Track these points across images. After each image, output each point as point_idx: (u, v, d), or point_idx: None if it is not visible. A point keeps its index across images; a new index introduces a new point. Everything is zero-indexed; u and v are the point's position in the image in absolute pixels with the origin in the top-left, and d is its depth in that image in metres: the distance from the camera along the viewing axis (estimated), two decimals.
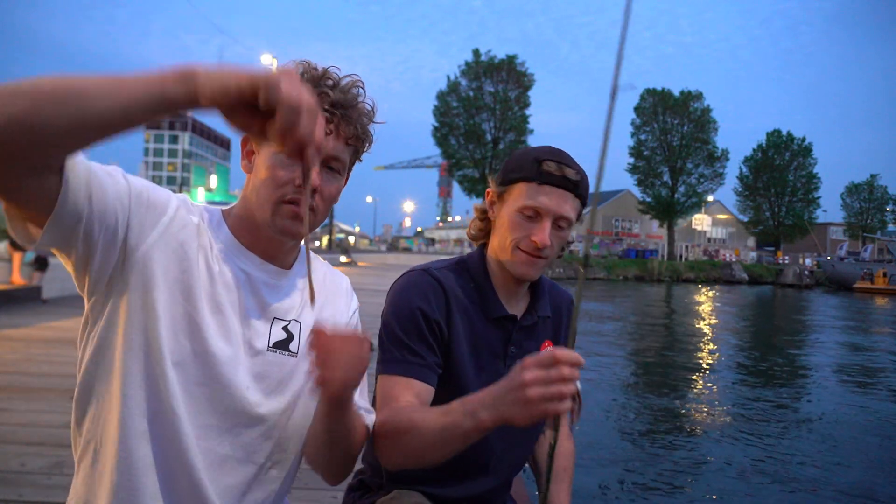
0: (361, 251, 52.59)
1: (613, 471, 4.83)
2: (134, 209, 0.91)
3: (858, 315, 21.10)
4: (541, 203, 1.22)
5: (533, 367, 0.88)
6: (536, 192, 1.22)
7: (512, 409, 0.90)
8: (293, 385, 1.07)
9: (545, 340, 1.38)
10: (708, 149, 49.69)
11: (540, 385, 0.86)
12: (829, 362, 10.55)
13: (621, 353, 10.68)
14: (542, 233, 1.22)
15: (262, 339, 1.04)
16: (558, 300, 1.44)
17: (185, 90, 0.72)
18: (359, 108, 1.04)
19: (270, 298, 1.06)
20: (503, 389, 0.92)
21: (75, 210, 0.81)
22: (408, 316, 1.23)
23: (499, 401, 0.93)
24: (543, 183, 1.22)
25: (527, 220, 1.23)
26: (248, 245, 1.05)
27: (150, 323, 0.92)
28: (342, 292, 1.20)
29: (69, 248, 0.87)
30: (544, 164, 1.22)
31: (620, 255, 48.87)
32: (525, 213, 1.23)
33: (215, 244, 1.02)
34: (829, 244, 65.67)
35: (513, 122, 46.64)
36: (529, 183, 1.23)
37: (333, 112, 1.00)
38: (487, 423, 0.95)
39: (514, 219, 1.24)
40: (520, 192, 1.24)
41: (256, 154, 1.03)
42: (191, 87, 0.72)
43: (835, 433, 6.05)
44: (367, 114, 1.05)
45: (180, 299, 0.95)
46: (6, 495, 2.43)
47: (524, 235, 1.23)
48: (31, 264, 8.37)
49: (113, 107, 0.69)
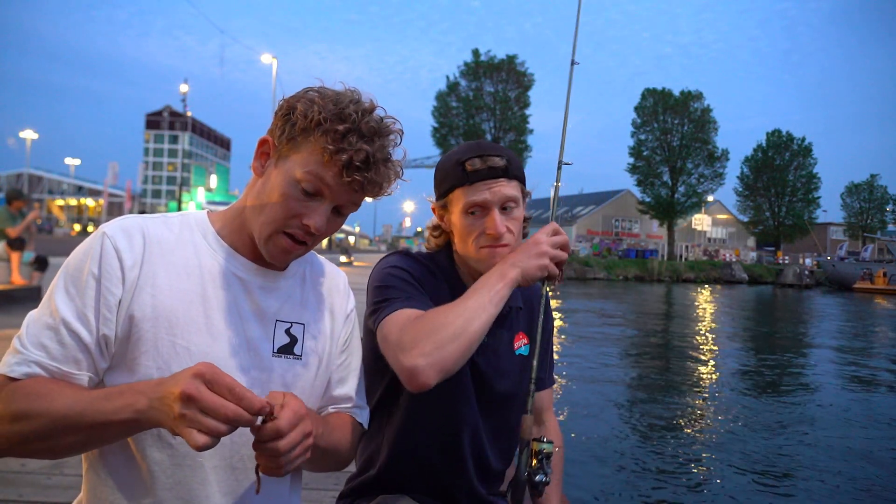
0: (361, 251, 52.57)
1: (613, 472, 4.83)
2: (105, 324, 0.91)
3: (859, 315, 21.09)
4: (478, 199, 1.25)
5: (544, 233, 1.21)
6: (472, 191, 1.25)
7: (530, 262, 1.17)
8: (299, 387, 1.06)
9: (518, 332, 1.41)
10: (708, 149, 49.67)
11: (550, 245, 1.20)
12: (830, 363, 10.55)
13: (621, 354, 10.68)
14: (493, 222, 1.24)
15: (266, 345, 1.03)
16: (529, 292, 1.47)
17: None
18: (391, 168, 1.00)
19: (269, 301, 1.05)
20: (524, 248, 1.20)
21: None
22: (400, 271, 1.28)
23: (520, 257, 1.18)
24: (474, 182, 1.25)
25: (475, 218, 1.26)
26: (241, 248, 1.04)
27: (142, 370, 0.93)
28: (340, 290, 1.19)
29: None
30: (468, 164, 1.25)
31: (620, 255, 48.85)
32: (470, 211, 1.26)
33: (203, 254, 1.00)
34: (829, 244, 65.70)
35: (513, 122, 46.65)
36: (462, 187, 1.26)
37: (368, 167, 0.96)
38: (513, 278, 1.16)
39: (464, 221, 1.27)
40: (457, 197, 1.27)
41: (272, 163, 1.00)
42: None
43: (836, 434, 6.05)
44: (396, 172, 1.01)
45: (164, 336, 0.94)
46: (6, 495, 2.44)
47: (480, 232, 1.26)
48: (30, 264, 8.36)
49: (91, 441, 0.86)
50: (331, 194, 0.97)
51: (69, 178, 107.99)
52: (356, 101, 0.98)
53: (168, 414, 0.77)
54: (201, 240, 1.02)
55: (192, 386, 0.75)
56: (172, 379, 0.79)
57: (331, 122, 0.94)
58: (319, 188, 0.96)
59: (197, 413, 0.75)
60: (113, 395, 0.83)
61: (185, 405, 0.75)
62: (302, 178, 0.95)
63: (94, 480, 0.97)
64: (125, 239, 0.95)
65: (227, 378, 0.78)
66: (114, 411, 0.81)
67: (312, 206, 0.97)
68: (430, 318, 1.10)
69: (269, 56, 28.77)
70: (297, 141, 0.96)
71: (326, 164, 0.94)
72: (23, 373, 0.86)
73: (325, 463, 1.09)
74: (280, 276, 1.07)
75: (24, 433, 0.83)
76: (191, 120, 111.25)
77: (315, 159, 0.95)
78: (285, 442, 0.81)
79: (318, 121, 0.94)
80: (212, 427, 0.75)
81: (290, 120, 0.97)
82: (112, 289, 0.91)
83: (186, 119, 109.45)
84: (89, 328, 0.90)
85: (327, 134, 0.93)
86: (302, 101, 0.96)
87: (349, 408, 1.16)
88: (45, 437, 0.83)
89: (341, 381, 1.15)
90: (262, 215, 0.98)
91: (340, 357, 1.15)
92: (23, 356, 0.87)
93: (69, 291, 0.91)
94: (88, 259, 0.92)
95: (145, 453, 0.93)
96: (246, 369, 1.00)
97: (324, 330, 1.12)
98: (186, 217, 1.05)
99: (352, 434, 1.12)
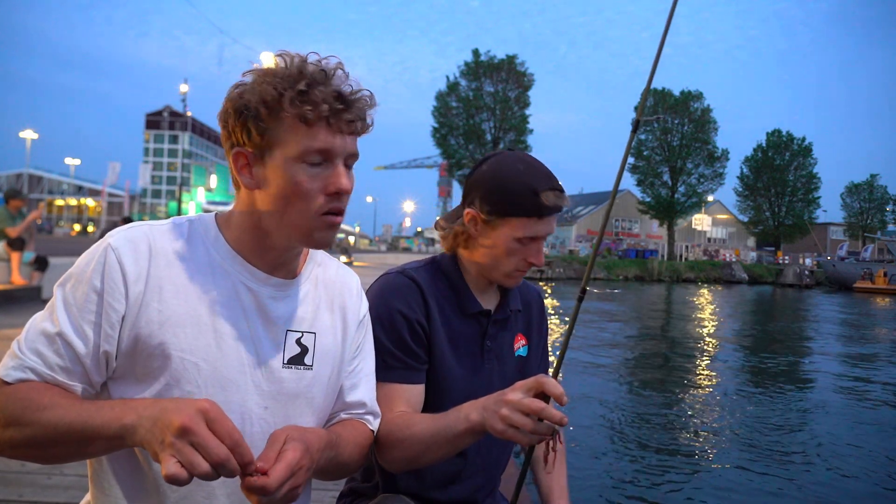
0: (362, 251, 52.59)
1: (613, 472, 4.83)
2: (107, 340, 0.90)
3: (859, 315, 21.09)
4: (540, 231, 1.25)
5: (519, 391, 0.97)
6: (538, 224, 1.24)
7: (493, 419, 0.98)
8: (309, 398, 1.04)
9: (517, 334, 1.42)
10: (708, 149, 49.63)
11: (514, 411, 0.95)
12: (830, 362, 10.54)
13: (620, 354, 10.67)
14: (539, 254, 1.27)
15: (276, 356, 1.00)
16: (527, 294, 1.48)
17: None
18: (365, 94, 0.97)
19: (280, 311, 1.01)
20: (490, 400, 1.02)
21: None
22: (388, 320, 1.24)
23: (488, 407, 1.01)
24: (544, 216, 1.24)
25: (521, 245, 1.25)
26: (251, 257, 0.99)
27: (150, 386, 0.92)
28: (353, 294, 1.15)
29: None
30: (543, 197, 1.22)
31: (620, 255, 48.85)
32: (523, 242, 1.25)
33: (211, 264, 0.97)
34: (829, 244, 65.66)
35: (513, 122, 46.62)
36: (529, 218, 1.23)
37: (348, 108, 0.93)
38: (477, 425, 1.03)
39: (512, 246, 1.25)
40: (518, 224, 1.24)
41: (261, 166, 0.94)
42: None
43: (836, 434, 6.05)
44: (371, 97, 0.98)
45: (173, 351, 0.92)
46: (6, 495, 2.44)
47: (521, 258, 1.27)
48: (31, 264, 8.36)
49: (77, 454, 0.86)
50: (334, 152, 0.93)
51: (69, 178, 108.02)
52: (286, 60, 0.93)
53: (157, 438, 0.75)
54: (210, 248, 0.98)
55: (194, 420, 0.73)
56: (173, 405, 0.77)
57: (288, 89, 0.89)
58: (322, 153, 0.92)
59: (186, 446, 0.73)
60: (104, 407, 0.82)
61: (180, 436, 0.73)
62: (301, 156, 0.91)
63: (99, 488, 0.96)
64: (130, 251, 0.92)
65: (229, 423, 0.76)
66: (102, 424, 0.80)
67: (327, 174, 0.93)
68: (405, 447, 1.13)
69: (269, 56, 28.72)
70: (270, 130, 0.91)
71: (312, 128, 0.90)
72: (17, 378, 0.86)
73: (333, 476, 1.08)
74: (290, 283, 1.04)
75: (15, 439, 0.83)
76: (191, 120, 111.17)
77: (300, 132, 0.90)
78: (268, 500, 0.80)
79: (276, 95, 0.89)
80: (195, 463, 0.72)
81: (248, 115, 0.91)
82: (115, 304, 0.89)
83: (186, 119, 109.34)
84: (86, 342, 0.88)
85: (293, 102, 0.89)
86: (246, 91, 0.91)
87: (362, 414, 1.13)
88: (34, 445, 0.84)
89: (353, 388, 1.12)
90: (290, 214, 0.94)
91: (353, 363, 1.13)
92: (19, 361, 0.87)
93: (70, 303, 0.89)
94: (91, 271, 0.90)
95: (151, 465, 0.92)
96: (256, 382, 0.98)
97: (336, 338, 1.09)
98: (194, 224, 1.00)
99: (364, 445, 1.10)
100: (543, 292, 1.31)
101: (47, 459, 0.87)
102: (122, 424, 0.78)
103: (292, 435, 0.85)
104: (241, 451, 0.75)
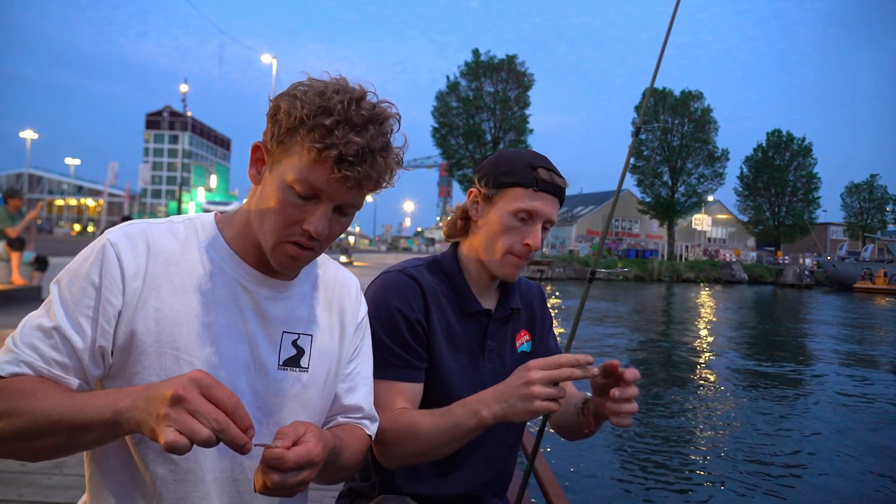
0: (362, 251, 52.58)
1: (612, 472, 4.82)
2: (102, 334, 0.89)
3: (860, 315, 21.08)
4: (536, 207, 1.25)
5: (538, 368, 1.00)
6: (532, 197, 1.25)
7: (516, 406, 1.01)
8: (305, 400, 1.04)
9: (520, 331, 1.42)
10: (708, 149, 49.65)
11: (544, 384, 0.99)
12: (830, 363, 10.54)
13: (620, 355, 10.67)
14: (536, 236, 1.26)
15: (272, 358, 1.00)
16: (528, 292, 1.48)
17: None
18: (390, 157, 0.92)
19: (276, 312, 1.01)
20: (507, 387, 1.03)
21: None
22: (388, 318, 1.24)
23: (502, 398, 1.03)
24: (539, 189, 1.25)
25: (520, 222, 1.25)
26: (248, 257, 0.99)
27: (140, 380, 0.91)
28: (351, 297, 1.14)
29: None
30: (539, 171, 1.25)
31: (620, 255, 48.83)
32: (519, 215, 1.25)
33: (208, 264, 0.96)
34: (829, 244, 65.69)
35: (512, 122, 46.59)
36: (525, 188, 1.25)
37: (359, 163, 0.88)
38: (489, 420, 1.05)
39: (508, 222, 1.26)
40: (515, 196, 1.25)
41: (267, 168, 0.94)
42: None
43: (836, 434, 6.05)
44: (396, 161, 0.93)
45: (168, 350, 0.91)
46: (6, 495, 2.44)
47: (518, 239, 1.26)
48: (30, 264, 8.36)
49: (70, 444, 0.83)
50: (327, 195, 0.90)
51: (69, 178, 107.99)
52: (341, 89, 0.89)
53: (152, 414, 0.72)
54: (208, 248, 0.98)
55: (186, 388, 0.71)
56: (166, 382, 0.75)
57: (315, 116, 0.86)
58: (314, 190, 0.90)
59: (183, 413, 0.70)
60: (98, 395, 0.80)
61: (173, 405, 0.71)
62: (294, 182, 0.89)
63: (97, 490, 0.96)
64: (129, 247, 0.91)
65: (225, 389, 0.74)
66: (95, 411, 0.78)
67: (311, 210, 0.91)
68: (407, 445, 1.14)
69: (268, 56, 28.79)
70: (286, 143, 0.89)
71: (316, 162, 0.87)
72: (10, 371, 0.85)
73: (329, 479, 1.07)
74: (288, 284, 1.03)
75: (6, 431, 0.81)
76: (191, 120, 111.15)
77: (305, 160, 0.88)
78: (279, 477, 0.78)
79: (301, 118, 0.87)
80: (194, 429, 0.69)
81: (276, 121, 0.90)
82: (112, 299, 0.89)
83: (186, 119, 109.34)
84: (83, 336, 0.87)
85: (313, 131, 0.86)
86: (285, 99, 0.90)
87: (359, 419, 1.11)
88: (24, 437, 0.81)
89: (351, 391, 1.11)
90: (263, 225, 0.94)
91: (349, 366, 1.12)
92: (14, 355, 0.86)
93: (67, 297, 0.88)
94: (90, 266, 0.90)
95: (149, 468, 0.92)
96: (251, 383, 0.97)
97: (333, 340, 1.08)
98: (193, 222, 1.00)
99: (361, 451, 1.09)
100: (545, 289, 1.30)
101: (38, 453, 0.84)
102: (117, 409, 0.76)
103: (312, 429, 0.84)
104: (240, 415, 0.73)
